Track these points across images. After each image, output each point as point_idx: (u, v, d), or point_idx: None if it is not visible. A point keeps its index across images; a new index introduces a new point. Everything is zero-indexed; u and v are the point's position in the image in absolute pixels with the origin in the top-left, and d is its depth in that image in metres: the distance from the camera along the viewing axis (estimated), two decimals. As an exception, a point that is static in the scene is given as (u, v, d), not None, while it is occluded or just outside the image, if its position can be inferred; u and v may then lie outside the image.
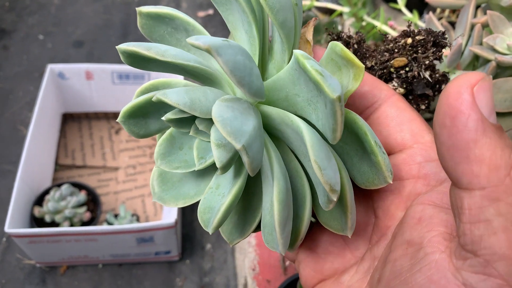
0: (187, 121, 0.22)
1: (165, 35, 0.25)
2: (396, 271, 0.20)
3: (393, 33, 0.60)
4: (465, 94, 0.16)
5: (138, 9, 0.24)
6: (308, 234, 0.26)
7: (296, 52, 0.20)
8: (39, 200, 0.88)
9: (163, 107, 0.23)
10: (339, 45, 0.21)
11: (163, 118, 0.21)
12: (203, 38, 0.18)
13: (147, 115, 0.23)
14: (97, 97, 1.06)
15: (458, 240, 0.18)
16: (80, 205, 0.88)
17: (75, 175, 1.01)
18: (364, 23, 0.62)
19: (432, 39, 0.28)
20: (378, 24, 0.61)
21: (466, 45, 0.44)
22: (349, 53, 0.21)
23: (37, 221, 0.86)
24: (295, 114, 0.21)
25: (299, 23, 0.23)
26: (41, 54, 1.29)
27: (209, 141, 0.23)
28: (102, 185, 1.00)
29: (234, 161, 0.21)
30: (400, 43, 0.28)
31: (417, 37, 0.28)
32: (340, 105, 0.18)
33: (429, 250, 0.19)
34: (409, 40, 0.27)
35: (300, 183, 0.24)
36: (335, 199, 0.20)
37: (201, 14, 1.50)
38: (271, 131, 0.24)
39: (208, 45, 0.17)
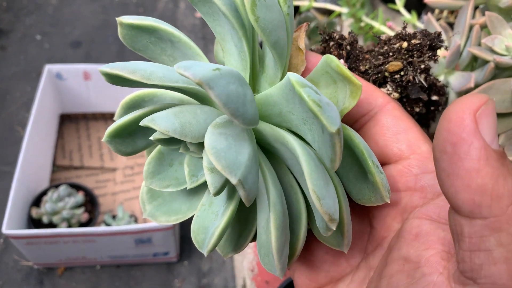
0: (176, 139, 0.21)
1: (148, 44, 0.24)
2: (392, 287, 0.20)
3: (391, 34, 0.60)
4: (468, 120, 0.16)
5: (118, 19, 0.23)
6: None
7: (291, 77, 0.19)
8: (37, 201, 0.88)
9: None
10: (334, 60, 0.20)
11: (151, 138, 0.20)
12: (193, 68, 0.17)
13: (134, 133, 0.22)
14: (95, 98, 1.06)
15: (457, 265, 0.17)
16: (78, 206, 0.88)
17: (73, 176, 1.01)
18: (362, 24, 0.62)
19: (428, 42, 0.27)
20: (377, 24, 0.61)
21: (464, 46, 0.44)
22: (345, 70, 0.20)
23: (34, 222, 0.85)
24: (289, 130, 0.21)
25: (291, 34, 0.23)
26: (38, 54, 1.29)
27: (201, 157, 0.22)
28: (100, 186, 0.99)
29: (227, 184, 0.20)
30: (395, 46, 0.27)
31: (412, 41, 0.27)
32: (339, 138, 0.18)
33: (427, 270, 0.19)
34: (405, 44, 0.27)
35: (295, 198, 0.23)
36: (333, 228, 0.19)
37: (199, 14, 1.50)
38: (264, 146, 0.23)
39: (199, 78, 0.16)
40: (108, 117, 1.11)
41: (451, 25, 0.57)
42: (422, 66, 0.28)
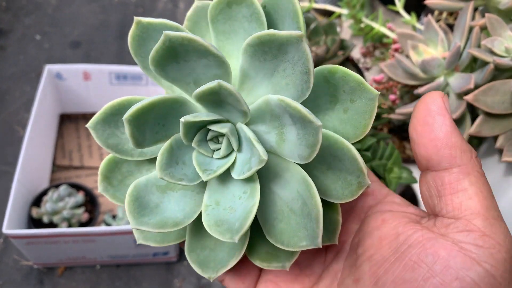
0: (192, 131, 0.23)
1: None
2: (377, 263, 0.22)
3: (392, 35, 0.60)
4: (439, 100, 0.23)
5: (137, 19, 0.24)
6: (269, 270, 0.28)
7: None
8: (37, 201, 0.88)
9: (162, 119, 0.23)
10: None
11: (181, 119, 0.22)
12: None
13: (145, 124, 0.23)
14: (95, 98, 1.06)
15: (435, 217, 0.22)
16: (78, 206, 0.88)
17: (73, 176, 1.01)
18: (362, 25, 0.63)
19: None
20: (377, 26, 0.61)
21: (464, 47, 0.44)
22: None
23: (34, 222, 0.85)
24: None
25: None
26: (38, 54, 1.29)
27: (209, 156, 0.24)
28: (100, 186, 0.99)
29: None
30: None
31: None
32: None
33: (408, 233, 0.22)
34: None
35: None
36: None
37: (198, 14, 1.50)
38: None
39: None
40: (107, 117, 1.11)
41: (450, 27, 0.58)
42: None
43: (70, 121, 1.10)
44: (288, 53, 0.21)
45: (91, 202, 0.91)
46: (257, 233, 0.25)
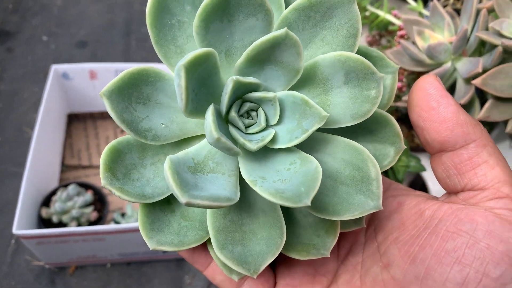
0: (231, 99, 0.22)
1: (167, 24, 0.23)
2: (407, 242, 0.23)
3: (398, 22, 0.59)
4: (436, 83, 0.23)
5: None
6: (286, 271, 0.28)
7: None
8: (46, 201, 0.88)
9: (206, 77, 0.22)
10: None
11: (232, 77, 0.21)
12: None
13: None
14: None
15: (456, 193, 0.23)
16: (87, 205, 0.88)
17: (81, 175, 1.01)
18: (367, 13, 0.61)
19: None
20: (382, 13, 0.60)
21: (471, 31, 0.43)
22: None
23: (44, 222, 0.86)
24: None
25: None
26: (45, 55, 1.29)
27: (243, 132, 0.23)
28: (109, 184, 1.00)
29: None
30: None
31: None
32: None
33: (433, 207, 0.23)
34: None
35: None
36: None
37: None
38: None
39: None
40: (115, 116, 1.11)
41: (457, 11, 0.56)
42: None
43: (78, 121, 1.10)
44: (333, 18, 0.22)
45: (100, 201, 0.92)
46: (286, 226, 0.24)
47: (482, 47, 0.44)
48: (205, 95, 0.22)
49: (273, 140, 0.23)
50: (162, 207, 0.25)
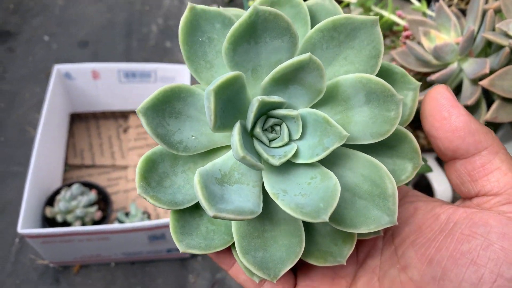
0: (256, 116, 0.23)
1: (198, 42, 0.25)
2: (423, 245, 0.23)
3: (402, 23, 0.59)
4: (447, 93, 0.24)
5: (190, 5, 0.24)
6: (306, 272, 0.29)
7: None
8: (50, 201, 0.88)
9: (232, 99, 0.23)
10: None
11: (257, 98, 0.22)
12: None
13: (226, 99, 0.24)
14: (104, 96, 1.06)
15: (470, 199, 0.23)
16: (91, 204, 0.89)
17: (85, 174, 1.01)
18: (372, 13, 0.62)
19: None
20: (386, 14, 0.61)
21: (478, 31, 0.43)
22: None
23: (49, 221, 0.86)
24: None
25: None
26: (46, 55, 1.29)
27: (267, 146, 0.24)
28: (112, 184, 1.00)
29: None
30: None
31: None
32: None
33: (449, 211, 0.23)
34: None
35: None
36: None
37: (205, 10, 1.50)
38: None
39: None
40: (118, 116, 1.11)
41: (462, 12, 0.57)
42: None
43: (80, 120, 1.10)
44: (356, 39, 0.23)
45: (103, 200, 0.92)
46: (306, 234, 0.25)
47: (488, 48, 0.45)
48: (232, 111, 0.23)
49: (295, 155, 0.24)
50: (191, 211, 0.26)
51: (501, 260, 0.20)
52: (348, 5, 0.65)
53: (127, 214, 0.91)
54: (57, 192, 0.89)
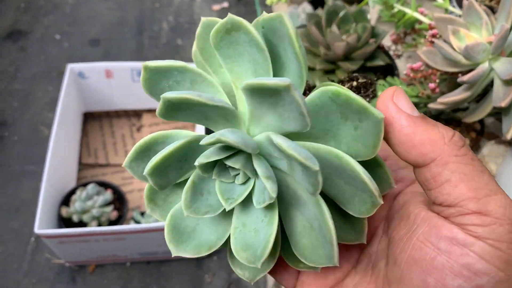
0: (210, 166, 0.25)
1: (166, 88, 0.26)
2: (396, 242, 0.24)
3: (425, 20, 0.58)
4: (390, 105, 0.23)
5: (144, 64, 0.25)
6: None
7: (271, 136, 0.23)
8: (66, 201, 0.88)
9: (184, 158, 0.25)
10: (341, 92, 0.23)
11: (196, 163, 0.23)
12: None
13: (168, 167, 0.25)
14: (117, 95, 1.06)
15: (433, 204, 0.23)
16: (107, 204, 0.88)
17: (99, 173, 1.01)
18: (394, 11, 0.61)
19: (369, 81, 0.32)
20: (409, 11, 0.59)
21: (510, 31, 0.42)
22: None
23: (64, 221, 0.86)
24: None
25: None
26: (58, 54, 1.29)
27: (231, 182, 0.25)
28: (126, 182, 1.00)
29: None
30: (348, 85, 0.32)
31: (359, 81, 0.32)
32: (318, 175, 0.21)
33: (415, 211, 0.24)
34: (354, 83, 0.32)
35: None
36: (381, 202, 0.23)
37: (216, 7, 1.49)
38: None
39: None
40: (131, 114, 1.11)
41: (492, 9, 0.55)
42: (367, 100, 0.33)
43: (94, 119, 1.10)
44: (281, 98, 0.22)
45: (119, 200, 0.92)
46: (287, 239, 0.27)
47: (521, 47, 0.44)
48: (195, 158, 0.25)
49: (252, 194, 0.25)
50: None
51: (446, 271, 0.21)
52: (367, 3, 0.64)
53: (142, 214, 0.91)
54: (72, 191, 0.89)
